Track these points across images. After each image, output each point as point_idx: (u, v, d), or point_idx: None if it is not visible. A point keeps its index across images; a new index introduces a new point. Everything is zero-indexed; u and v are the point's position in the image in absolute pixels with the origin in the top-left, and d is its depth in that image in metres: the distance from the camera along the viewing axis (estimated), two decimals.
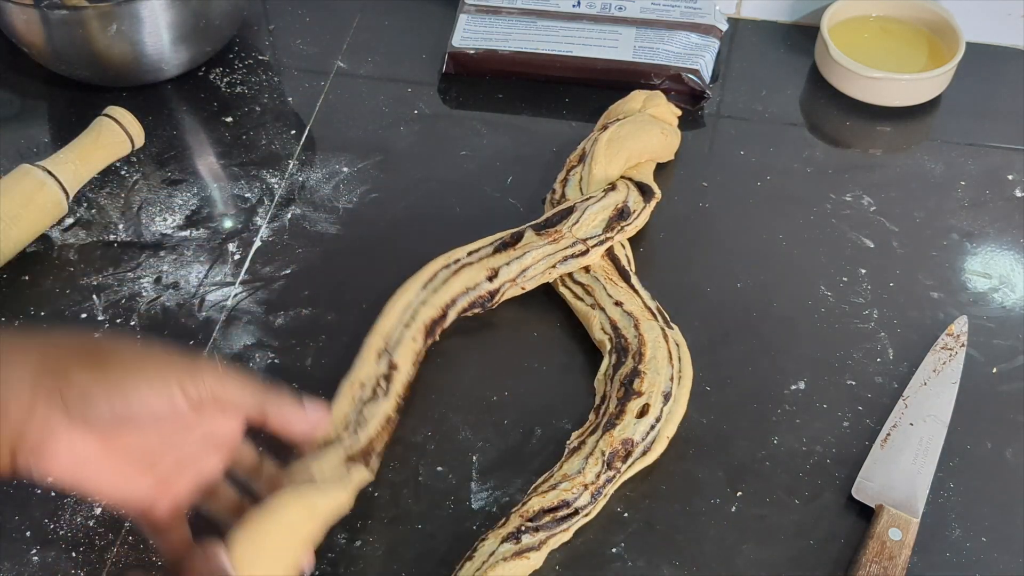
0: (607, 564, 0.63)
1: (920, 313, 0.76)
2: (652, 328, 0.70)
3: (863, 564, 0.61)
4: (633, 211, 0.78)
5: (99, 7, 0.85)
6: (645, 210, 0.79)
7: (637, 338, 0.70)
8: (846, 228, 0.82)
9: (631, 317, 0.71)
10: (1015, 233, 0.81)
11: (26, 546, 0.64)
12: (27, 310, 0.76)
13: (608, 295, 0.73)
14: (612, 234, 0.76)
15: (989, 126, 0.90)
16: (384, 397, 0.67)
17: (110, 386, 0.49)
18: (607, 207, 0.77)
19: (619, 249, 0.77)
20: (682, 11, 0.95)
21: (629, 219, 0.77)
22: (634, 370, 0.68)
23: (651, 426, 0.66)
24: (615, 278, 0.74)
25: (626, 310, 0.72)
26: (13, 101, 0.93)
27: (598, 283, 0.74)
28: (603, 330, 0.72)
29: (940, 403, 0.69)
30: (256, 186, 0.85)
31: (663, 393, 0.67)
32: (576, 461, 0.65)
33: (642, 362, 0.68)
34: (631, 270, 0.76)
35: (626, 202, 0.78)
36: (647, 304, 0.73)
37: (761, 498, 0.66)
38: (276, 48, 0.98)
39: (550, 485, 0.64)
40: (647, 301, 0.73)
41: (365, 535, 0.64)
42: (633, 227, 0.78)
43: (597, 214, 0.77)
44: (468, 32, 0.94)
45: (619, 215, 0.77)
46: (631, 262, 0.76)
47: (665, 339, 0.70)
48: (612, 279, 0.74)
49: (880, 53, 0.92)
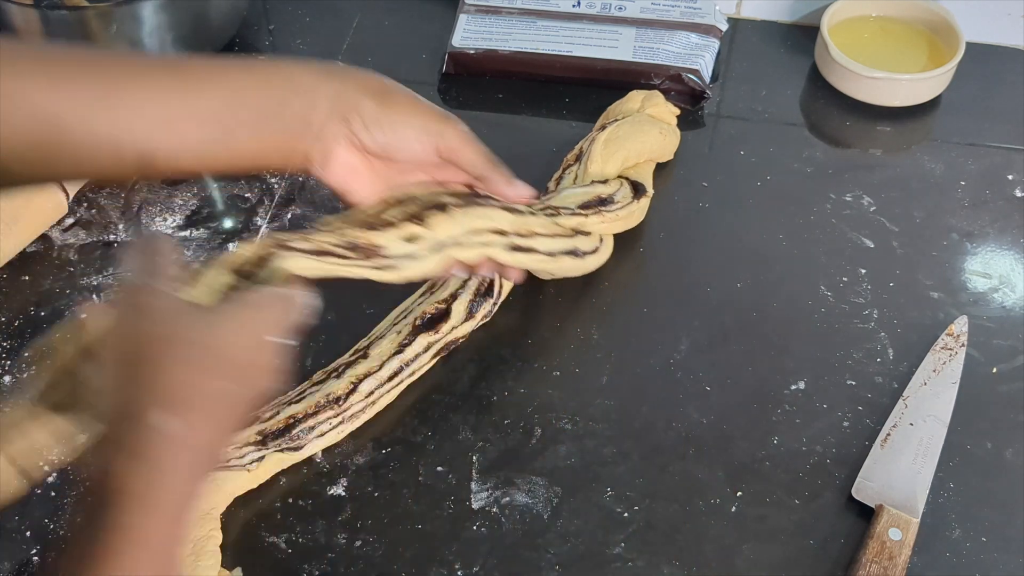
0: (607, 564, 0.63)
1: (920, 313, 0.76)
2: None
3: (863, 564, 0.61)
4: (618, 202, 0.77)
5: (99, 7, 0.85)
6: (633, 204, 0.77)
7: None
8: (846, 228, 0.82)
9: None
10: (1015, 233, 0.81)
11: (26, 546, 0.64)
12: (27, 310, 0.76)
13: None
14: (587, 212, 0.74)
15: (989, 126, 0.90)
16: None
17: (388, 122, 0.60)
18: (589, 194, 0.76)
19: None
20: (682, 11, 0.95)
21: (610, 207, 0.76)
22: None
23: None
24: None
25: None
26: None
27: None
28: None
29: (940, 403, 0.69)
30: (256, 186, 0.85)
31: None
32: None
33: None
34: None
35: (612, 195, 0.77)
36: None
37: (761, 498, 0.66)
38: (276, 48, 0.98)
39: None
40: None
41: (365, 535, 0.64)
42: (615, 217, 0.76)
43: (578, 196, 0.76)
44: (468, 32, 0.94)
45: (600, 201, 0.76)
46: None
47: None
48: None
49: (880, 53, 0.92)
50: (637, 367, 0.73)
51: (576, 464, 0.68)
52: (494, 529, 0.65)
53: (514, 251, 0.68)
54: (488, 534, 0.64)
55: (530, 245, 0.69)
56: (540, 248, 0.70)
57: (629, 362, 0.73)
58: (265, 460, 0.66)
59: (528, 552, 0.64)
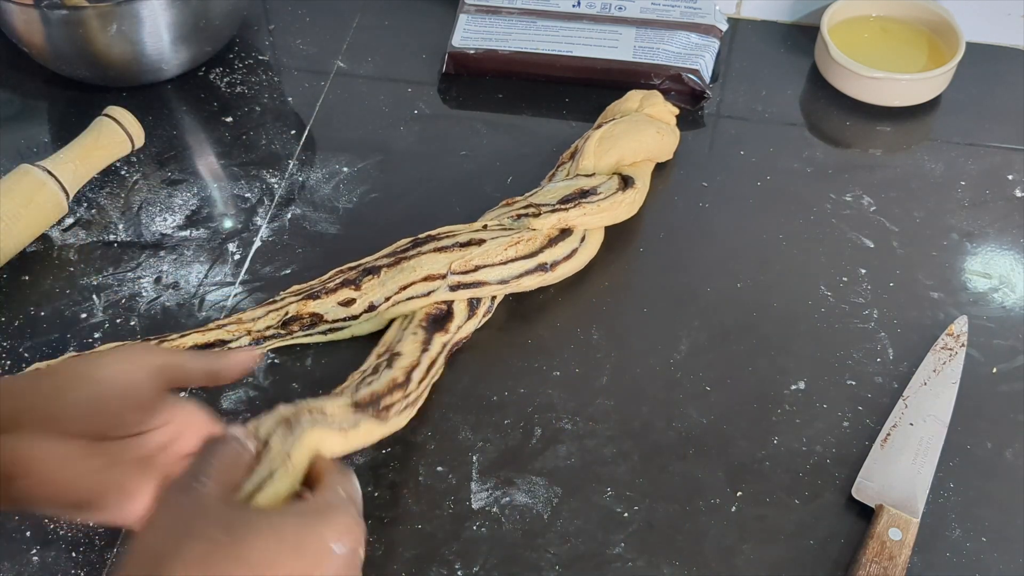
0: (607, 564, 0.63)
1: (920, 313, 0.76)
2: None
3: (863, 564, 0.61)
4: (600, 193, 0.77)
5: (99, 7, 0.85)
6: (618, 195, 0.77)
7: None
8: (846, 228, 0.82)
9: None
10: (1015, 233, 0.81)
11: (26, 546, 0.64)
12: (27, 310, 0.76)
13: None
14: (568, 207, 0.75)
15: (989, 126, 0.90)
16: (387, 369, 0.67)
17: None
18: (570, 187, 0.77)
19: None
20: (682, 11, 0.95)
21: (591, 198, 0.76)
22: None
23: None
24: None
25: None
26: (13, 101, 0.93)
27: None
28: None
29: (940, 403, 0.69)
30: (256, 186, 0.85)
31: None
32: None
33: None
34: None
35: (596, 187, 0.77)
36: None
37: (761, 498, 0.66)
38: (276, 48, 0.98)
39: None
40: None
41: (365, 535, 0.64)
42: (597, 209, 0.76)
43: (559, 191, 0.76)
44: (468, 32, 0.94)
45: (581, 194, 0.76)
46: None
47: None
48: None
49: (880, 53, 0.92)
50: (637, 367, 0.73)
51: (576, 464, 0.68)
52: (494, 529, 0.65)
53: (459, 289, 0.72)
54: (488, 534, 0.64)
55: (476, 279, 0.72)
56: (490, 279, 0.73)
57: (629, 362, 0.73)
58: (359, 426, 0.63)
59: (528, 552, 0.64)
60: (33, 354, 0.72)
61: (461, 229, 0.75)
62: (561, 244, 0.75)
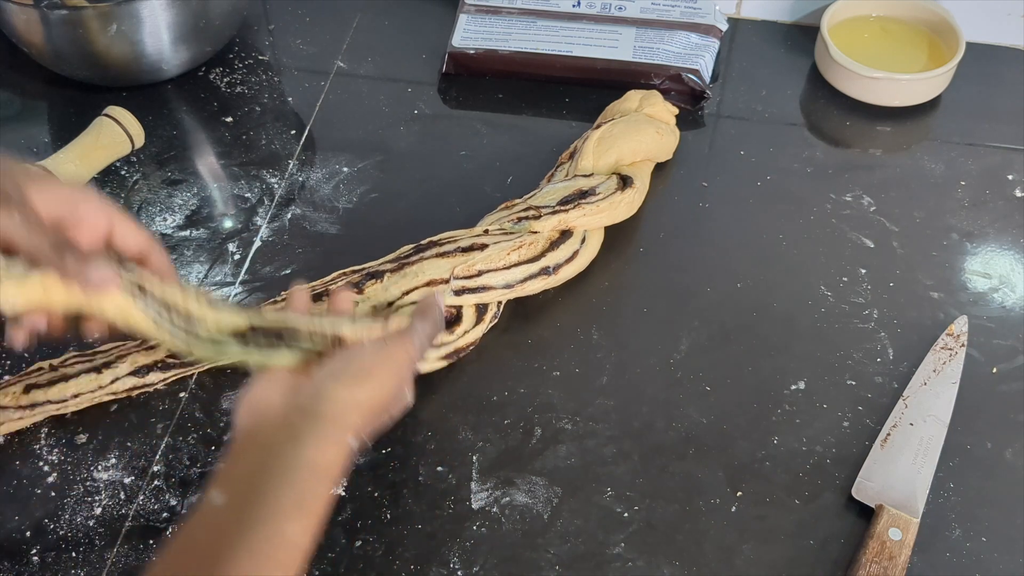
0: (607, 564, 0.63)
1: (920, 313, 0.76)
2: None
3: (863, 564, 0.61)
4: (599, 193, 0.77)
5: (99, 7, 0.85)
6: (616, 195, 0.77)
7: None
8: (846, 228, 0.82)
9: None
10: (1015, 233, 0.81)
11: (26, 546, 0.64)
12: None
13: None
14: (567, 208, 0.75)
15: (989, 126, 0.90)
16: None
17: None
18: (569, 188, 0.77)
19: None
20: (682, 11, 0.95)
21: (591, 198, 0.76)
22: None
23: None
24: None
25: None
26: (13, 101, 0.93)
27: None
28: None
29: (940, 403, 0.69)
30: (256, 186, 0.85)
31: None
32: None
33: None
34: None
35: (595, 187, 0.77)
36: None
37: (761, 498, 0.66)
38: (276, 48, 0.98)
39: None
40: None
41: (365, 535, 0.64)
42: (597, 209, 0.76)
43: (558, 192, 0.76)
44: (468, 32, 0.94)
45: (580, 194, 0.76)
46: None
47: None
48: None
49: (880, 53, 0.92)
50: (637, 367, 0.73)
51: (576, 464, 0.68)
52: (494, 529, 0.65)
53: (464, 294, 0.72)
54: (488, 534, 0.64)
55: (481, 284, 0.72)
56: (495, 283, 0.73)
57: (629, 362, 0.73)
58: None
59: (528, 552, 0.64)
60: (33, 353, 0.72)
61: (462, 234, 0.75)
62: (563, 247, 0.75)
